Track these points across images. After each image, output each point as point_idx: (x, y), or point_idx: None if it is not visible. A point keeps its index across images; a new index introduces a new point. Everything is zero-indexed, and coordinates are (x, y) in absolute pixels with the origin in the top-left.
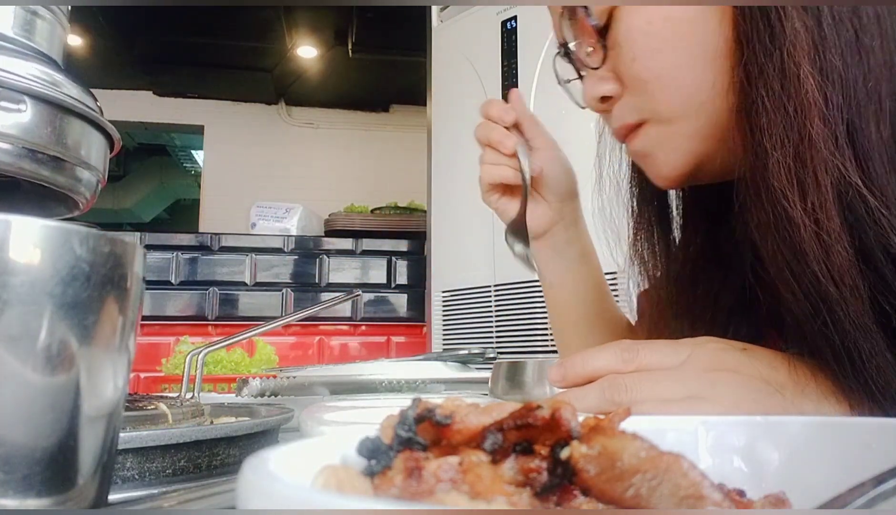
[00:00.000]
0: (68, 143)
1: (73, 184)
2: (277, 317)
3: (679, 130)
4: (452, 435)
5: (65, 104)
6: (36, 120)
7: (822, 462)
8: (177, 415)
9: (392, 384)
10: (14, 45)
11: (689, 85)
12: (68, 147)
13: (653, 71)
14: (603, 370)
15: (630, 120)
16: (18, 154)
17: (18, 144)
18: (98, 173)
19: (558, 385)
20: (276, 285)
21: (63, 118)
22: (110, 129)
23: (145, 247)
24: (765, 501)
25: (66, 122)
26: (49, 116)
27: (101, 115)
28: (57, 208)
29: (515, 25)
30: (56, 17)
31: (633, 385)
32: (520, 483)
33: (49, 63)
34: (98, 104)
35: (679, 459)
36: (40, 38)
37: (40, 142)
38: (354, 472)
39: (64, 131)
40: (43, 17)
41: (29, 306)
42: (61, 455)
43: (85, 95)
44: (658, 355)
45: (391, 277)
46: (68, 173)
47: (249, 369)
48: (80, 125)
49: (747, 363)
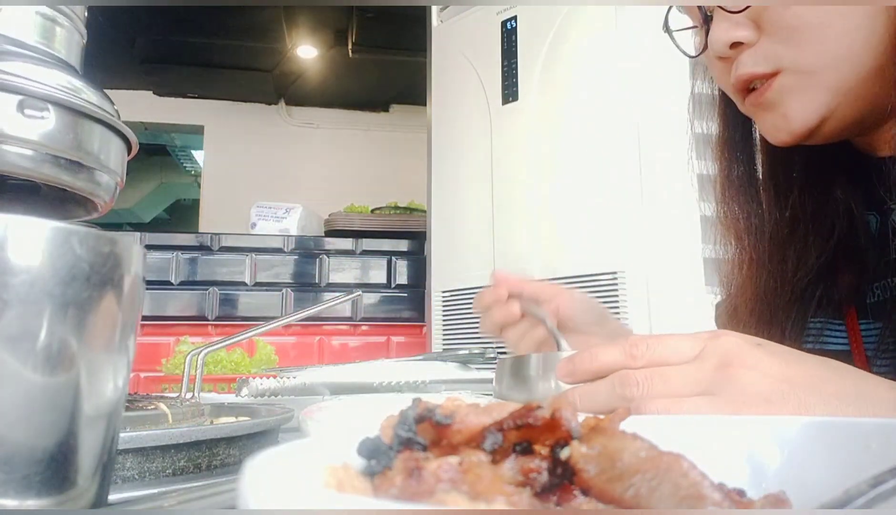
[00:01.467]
0: (88, 148)
1: (92, 187)
2: (277, 317)
3: (819, 82)
4: (452, 435)
5: (85, 110)
6: (58, 126)
7: (822, 462)
8: (177, 415)
9: (392, 385)
10: (37, 54)
11: (841, 35)
12: (88, 152)
13: (806, 19)
14: (612, 366)
15: (763, 68)
16: (41, 160)
17: (42, 150)
18: (116, 176)
19: (566, 381)
20: (276, 285)
21: (84, 124)
22: (127, 132)
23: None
24: (765, 501)
25: (86, 127)
26: (71, 123)
27: (118, 118)
28: (76, 210)
29: (515, 25)
30: (73, 24)
31: (645, 381)
32: (520, 483)
33: (69, 70)
34: (115, 108)
35: (679, 459)
36: (59, 46)
37: (62, 148)
38: (354, 472)
39: (84, 137)
40: (62, 25)
41: (29, 306)
42: (61, 455)
43: (104, 100)
44: (669, 349)
45: (391, 277)
46: (88, 177)
47: (249, 369)
48: (100, 130)
49: (763, 360)
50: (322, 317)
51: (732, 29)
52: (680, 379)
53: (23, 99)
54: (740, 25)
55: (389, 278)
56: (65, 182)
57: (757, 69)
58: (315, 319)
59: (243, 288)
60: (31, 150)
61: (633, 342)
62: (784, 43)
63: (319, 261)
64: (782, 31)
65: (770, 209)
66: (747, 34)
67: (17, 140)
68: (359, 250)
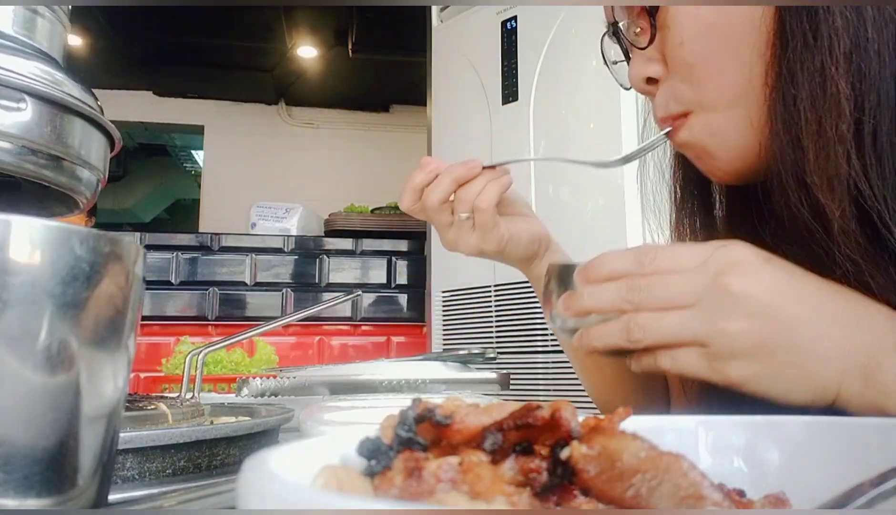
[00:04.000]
0: (69, 142)
1: (73, 183)
2: (277, 317)
3: (728, 120)
4: (452, 435)
5: (65, 103)
6: (36, 119)
7: (822, 462)
8: (177, 415)
9: (392, 384)
10: (14, 44)
11: (732, 73)
12: (69, 146)
13: (698, 55)
14: (621, 271)
15: (674, 110)
16: (19, 153)
17: (19, 143)
18: (98, 173)
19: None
20: (276, 285)
21: (64, 117)
22: (111, 128)
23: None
24: (765, 501)
25: (66, 121)
26: (50, 115)
27: (101, 114)
28: (57, 207)
29: (515, 25)
30: (56, 16)
31: (648, 286)
32: (520, 483)
33: (49, 62)
34: (98, 103)
35: (679, 459)
36: (41, 37)
37: (41, 141)
38: (354, 472)
39: (64, 130)
40: (43, 16)
41: (29, 306)
42: (61, 455)
43: (85, 94)
44: (676, 258)
45: (391, 277)
46: (69, 173)
47: (249, 369)
48: (81, 124)
49: (764, 271)
50: (322, 317)
51: (644, 65)
52: (678, 286)
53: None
54: (651, 61)
55: (389, 278)
56: (45, 177)
57: (670, 111)
58: (315, 319)
59: (243, 288)
60: (9, 143)
61: (643, 250)
62: (686, 81)
63: (319, 261)
64: (683, 69)
65: (723, 234)
66: (657, 69)
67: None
68: (359, 250)
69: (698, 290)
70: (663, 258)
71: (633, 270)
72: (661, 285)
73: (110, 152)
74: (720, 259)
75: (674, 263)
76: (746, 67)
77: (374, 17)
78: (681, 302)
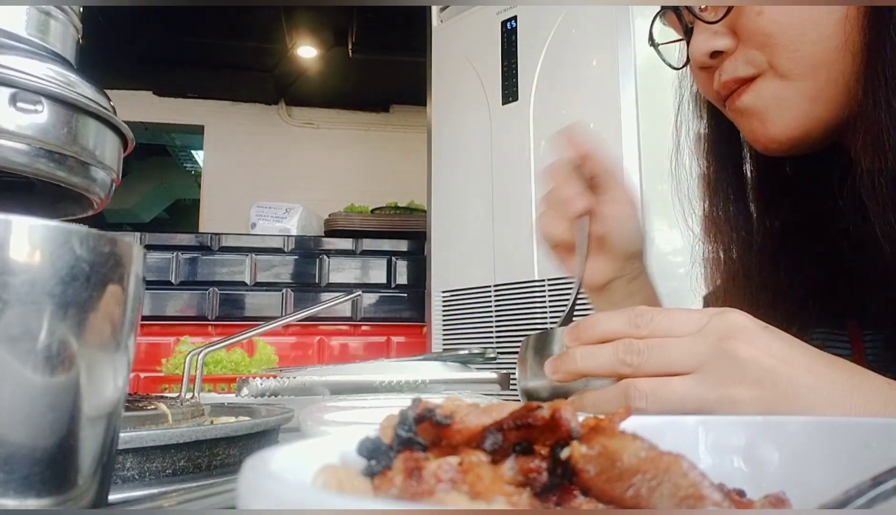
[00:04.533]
0: (84, 143)
1: (88, 184)
2: (277, 317)
3: (798, 89)
4: (452, 435)
5: (80, 104)
6: (52, 120)
7: (822, 462)
8: (177, 415)
9: (392, 384)
10: (29, 46)
11: (815, 41)
12: (84, 147)
13: (780, 24)
14: (615, 334)
15: (744, 73)
16: (35, 154)
17: (35, 144)
18: (112, 173)
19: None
20: (276, 285)
21: (79, 118)
22: (124, 128)
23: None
24: (765, 501)
25: (81, 122)
26: (65, 117)
27: (114, 114)
28: (71, 207)
29: (515, 25)
30: (68, 17)
31: (646, 350)
32: (520, 483)
33: (63, 63)
34: (111, 104)
35: (679, 459)
36: (54, 39)
37: (56, 142)
38: (354, 472)
39: (79, 131)
40: (56, 18)
41: (29, 306)
42: (61, 455)
43: (99, 95)
44: (673, 322)
45: (391, 277)
46: (83, 173)
47: (249, 369)
48: (95, 125)
49: (763, 339)
50: (322, 317)
51: (711, 39)
52: (678, 352)
53: (15, 92)
54: (718, 35)
55: (389, 278)
56: (60, 178)
57: (739, 73)
58: (315, 319)
59: (243, 288)
60: (25, 144)
61: (638, 311)
62: (761, 49)
63: (319, 261)
64: (759, 38)
65: (759, 220)
66: (726, 43)
67: (10, 134)
68: (359, 250)
69: (699, 355)
70: (660, 321)
71: (627, 331)
72: (660, 348)
73: (123, 152)
74: (721, 325)
75: (671, 326)
76: (826, 38)
77: (374, 17)
78: (682, 368)
